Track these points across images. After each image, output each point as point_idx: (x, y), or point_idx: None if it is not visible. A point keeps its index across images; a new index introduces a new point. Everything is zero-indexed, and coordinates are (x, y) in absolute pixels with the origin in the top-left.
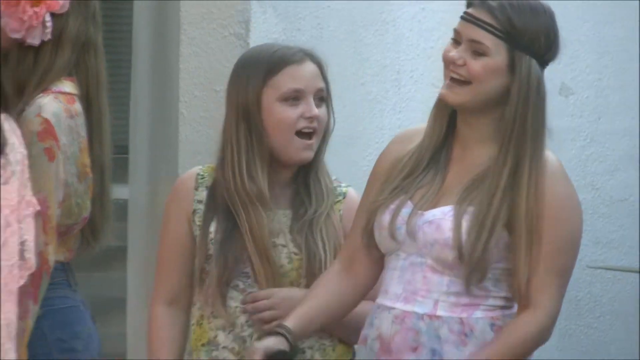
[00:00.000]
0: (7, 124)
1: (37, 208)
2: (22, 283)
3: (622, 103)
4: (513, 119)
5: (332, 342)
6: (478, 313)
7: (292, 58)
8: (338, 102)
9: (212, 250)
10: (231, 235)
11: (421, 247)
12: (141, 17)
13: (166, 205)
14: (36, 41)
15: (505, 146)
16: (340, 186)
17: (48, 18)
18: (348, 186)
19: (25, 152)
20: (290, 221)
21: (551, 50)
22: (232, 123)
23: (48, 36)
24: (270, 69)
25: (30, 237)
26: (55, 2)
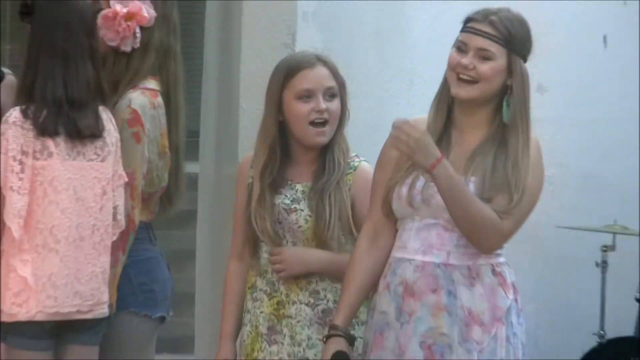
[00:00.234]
0: (105, 114)
1: (126, 180)
2: (114, 239)
3: (587, 101)
4: (518, 105)
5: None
6: (481, 261)
7: (305, 64)
8: (363, 98)
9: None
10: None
11: (434, 211)
12: (211, 30)
13: (236, 182)
14: (128, 48)
15: (501, 127)
16: (354, 161)
17: (138, 30)
18: (362, 160)
19: (118, 136)
20: (309, 190)
21: (530, 51)
22: (267, 115)
23: (137, 45)
24: (288, 74)
25: (121, 203)
26: (144, 17)
